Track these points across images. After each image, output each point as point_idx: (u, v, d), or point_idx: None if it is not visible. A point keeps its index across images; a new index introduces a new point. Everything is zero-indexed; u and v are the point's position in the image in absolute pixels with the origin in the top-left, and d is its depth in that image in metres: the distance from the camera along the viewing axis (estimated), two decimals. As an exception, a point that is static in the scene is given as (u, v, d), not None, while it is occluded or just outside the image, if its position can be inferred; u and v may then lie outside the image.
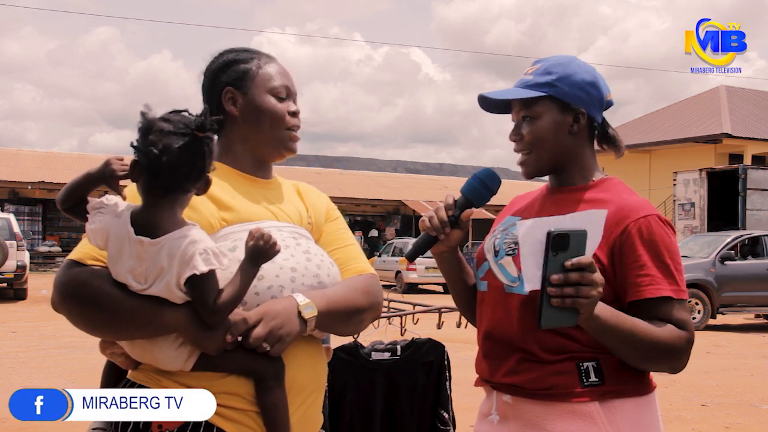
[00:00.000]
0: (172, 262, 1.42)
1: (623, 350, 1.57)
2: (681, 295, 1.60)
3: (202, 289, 1.43)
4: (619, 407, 1.59)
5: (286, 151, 1.77)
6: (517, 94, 1.71)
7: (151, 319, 1.45)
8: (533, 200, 1.83)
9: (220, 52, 1.80)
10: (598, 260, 1.57)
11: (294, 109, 1.76)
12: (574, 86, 1.70)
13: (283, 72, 1.78)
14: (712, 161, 26.57)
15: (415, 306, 3.69)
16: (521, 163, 1.75)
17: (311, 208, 1.83)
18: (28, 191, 26.72)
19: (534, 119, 1.70)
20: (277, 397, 1.52)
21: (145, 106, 1.46)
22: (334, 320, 1.63)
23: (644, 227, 1.60)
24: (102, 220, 1.47)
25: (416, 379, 2.80)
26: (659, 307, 1.58)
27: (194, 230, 1.46)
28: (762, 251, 13.45)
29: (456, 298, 1.90)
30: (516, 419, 1.66)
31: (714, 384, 7.52)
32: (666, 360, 1.59)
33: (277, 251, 1.50)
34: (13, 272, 14.45)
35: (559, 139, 1.70)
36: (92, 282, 1.47)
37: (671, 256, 1.61)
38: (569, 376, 1.59)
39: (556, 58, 1.76)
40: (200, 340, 1.46)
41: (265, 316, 1.51)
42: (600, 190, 1.71)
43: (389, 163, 55.73)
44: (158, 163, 1.41)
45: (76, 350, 8.51)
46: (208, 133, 1.46)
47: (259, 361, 1.51)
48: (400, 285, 20.22)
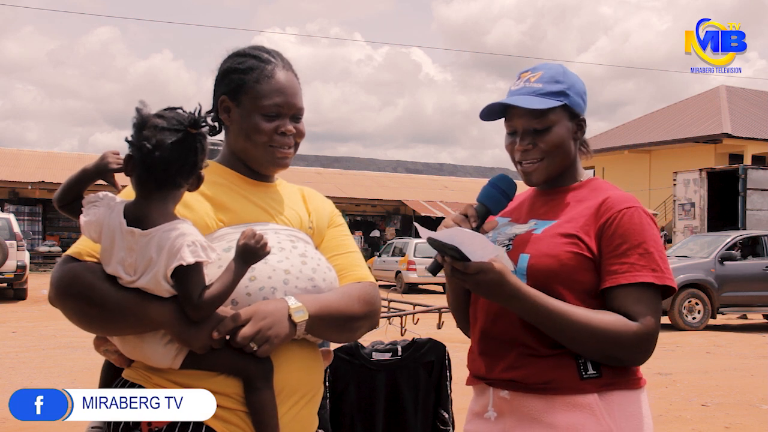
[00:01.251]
0: (161, 254, 1.43)
1: (560, 335, 1.59)
2: (665, 281, 1.62)
3: (188, 281, 1.44)
4: (616, 399, 1.62)
5: (272, 166, 1.73)
6: (539, 103, 1.70)
7: (136, 313, 1.46)
8: (522, 202, 1.86)
9: (232, 53, 1.76)
10: (588, 249, 1.63)
11: (283, 129, 1.69)
12: (579, 95, 1.75)
13: (281, 87, 1.70)
14: (712, 161, 26.60)
15: (415, 306, 3.69)
16: (530, 171, 1.74)
17: (314, 213, 1.82)
18: (28, 191, 26.71)
19: (548, 128, 1.71)
20: (265, 397, 1.52)
21: (140, 102, 1.49)
22: (327, 326, 1.62)
23: (626, 217, 1.64)
24: (96, 212, 1.50)
25: (418, 379, 2.80)
26: (627, 296, 1.60)
27: (184, 224, 1.48)
28: (762, 251, 13.46)
29: (455, 300, 1.89)
30: (513, 415, 1.67)
31: (714, 384, 7.52)
32: (608, 350, 1.59)
33: (268, 252, 1.50)
34: (13, 272, 14.45)
35: (569, 146, 1.75)
36: (84, 276, 1.49)
37: (654, 244, 1.64)
38: (568, 369, 1.61)
39: (552, 65, 1.78)
40: (186, 337, 1.47)
41: (255, 315, 1.51)
42: (587, 189, 1.75)
43: (389, 163, 55.68)
44: (151, 157, 1.44)
45: (76, 350, 8.51)
46: (201, 130, 1.48)
47: (247, 361, 1.51)
48: (400, 285, 20.21)
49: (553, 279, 1.62)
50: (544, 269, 1.62)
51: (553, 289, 1.60)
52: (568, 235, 1.64)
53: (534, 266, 1.63)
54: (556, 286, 1.61)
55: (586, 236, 1.64)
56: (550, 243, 1.65)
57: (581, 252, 1.63)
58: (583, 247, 1.63)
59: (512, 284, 1.56)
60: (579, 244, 1.63)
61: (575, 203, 1.72)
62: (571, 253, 1.62)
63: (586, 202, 1.70)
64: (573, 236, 1.64)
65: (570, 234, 1.65)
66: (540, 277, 1.62)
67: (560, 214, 1.71)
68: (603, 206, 1.66)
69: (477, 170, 55.48)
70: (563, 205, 1.73)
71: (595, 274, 1.64)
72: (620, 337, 1.57)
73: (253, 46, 1.78)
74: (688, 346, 10.42)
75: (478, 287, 1.57)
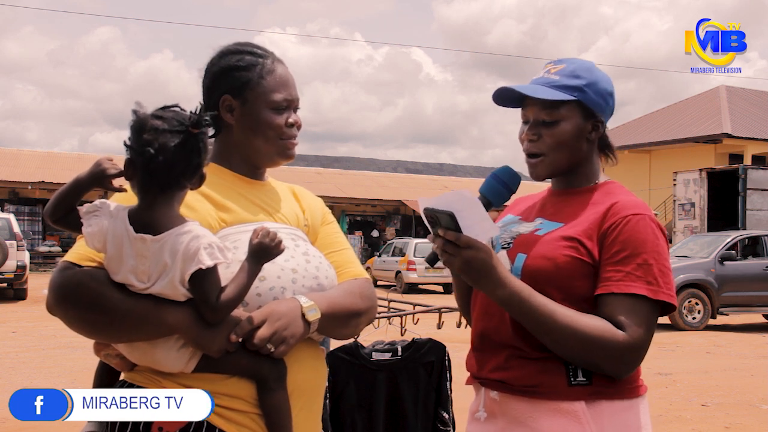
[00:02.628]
0: (176, 258, 1.40)
1: (543, 335, 1.54)
2: (659, 295, 1.55)
3: (206, 284, 1.41)
4: (606, 408, 1.57)
5: (282, 159, 1.75)
6: (548, 94, 1.66)
7: (152, 319, 1.43)
8: (536, 202, 1.83)
9: (222, 51, 1.74)
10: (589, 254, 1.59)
11: (292, 120, 1.72)
12: (599, 94, 1.69)
13: (285, 80, 1.72)
14: (712, 161, 26.59)
15: (415, 306, 3.69)
16: (534, 164, 1.72)
17: (307, 211, 1.82)
18: (28, 191, 26.69)
19: (557, 122, 1.67)
20: (280, 399, 1.51)
21: (137, 103, 1.44)
22: (334, 323, 1.63)
23: (632, 224, 1.58)
24: (98, 222, 1.44)
25: (418, 380, 2.80)
26: (616, 304, 1.54)
27: (195, 225, 1.45)
28: (762, 251, 13.46)
29: (460, 297, 1.88)
30: (503, 416, 1.65)
31: (714, 384, 7.52)
32: (590, 356, 1.53)
33: (282, 250, 1.49)
34: (13, 272, 14.45)
35: (578, 145, 1.69)
36: (89, 284, 1.45)
37: (656, 257, 1.57)
38: (557, 374, 1.57)
39: (580, 61, 1.73)
40: (202, 341, 1.45)
41: (270, 316, 1.49)
42: (599, 193, 1.71)
43: (389, 163, 55.68)
44: (155, 162, 1.39)
45: (76, 350, 8.50)
46: (203, 129, 1.44)
47: (262, 362, 1.50)
48: (400, 285, 20.20)
49: (547, 281, 1.58)
50: (538, 271, 1.59)
51: (546, 292, 1.56)
52: (568, 239, 1.60)
53: (529, 267, 1.60)
54: (549, 289, 1.57)
55: (588, 240, 1.59)
56: (549, 245, 1.61)
57: (580, 257, 1.58)
58: (583, 251, 1.59)
59: (500, 271, 1.51)
60: (579, 248, 1.59)
61: (585, 206, 1.67)
62: (568, 257, 1.58)
63: (596, 207, 1.65)
64: (574, 240, 1.60)
65: (571, 237, 1.60)
66: (534, 279, 1.58)
67: (568, 216, 1.67)
68: (610, 211, 1.61)
69: (477, 170, 55.45)
70: (573, 207, 1.69)
71: (593, 281, 1.59)
72: (604, 344, 1.51)
73: (240, 43, 1.77)
74: (688, 346, 10.42)
75: (466, 266, 1.49)
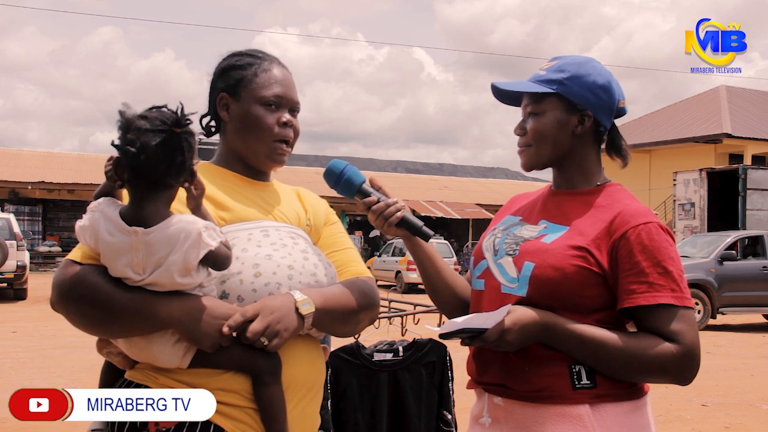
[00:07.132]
0: (174, 247, 1.44)
1: (598, 365, 1.57)
2: (685, 302, 1.56)
3: (219, 263, 1.49)
4: (611, 411, 1.57)
5: (271, 163, 1.76)
6: (525, 87, 1.72)
7: (145, 313, 1.46)
8: (534, 201, 1.82)
9: (226, 55, 1.80)
10: (598, 264, 1.58)
11: (285, 120, 1.73)
12: (584, 87, 1.69)
13: (281, 80, 1.75)
14: (712, 161, 26.58)
15: (416, 306, 3.69)
16: (520, 155, 1.77)
17: (310, 211, 1.84)
18: (28, 191, 26.70)
19: (538, 115, 1.70)
20: (274, 393, 1.53)
21: (123, 104, 1.48)
22: (331, 319, 1.64)
23: (644, 234, 1.58)
24: (91, 217, 1.50)
25: (420, 380, 2.80)
26: (655, 316, 1.55)
27: (183, 215, 1.49)
28: (762, 251, 13.46)
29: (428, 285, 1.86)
30: (507, 422, 1.64)
31: (714, 384, 7.52)
32: (654, 375, 1.56)
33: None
34: (13, 272, 14.46)
35: (560, 137, 1.70)
36: (88, 279, 1.48)
37: (673, 263, 1.58)
38: (561, 378, 1.57)
39: (573, 57, 1.75)
40: (195, 335, 1.47)
41: (263, 310, 1.51)
42: (602, 196, 1.70)
43: (389, 163, 55.67)
44: (138, 160, 1.43)
45: (76, 350, 8.51)
46: (186, 128, 1.47)
47: (256, 356, 1.52)
48: (401, 285, 20.22)
49: (555, 291, 1.58)
50: (547, 280, 1.58)
51: (553, 301, 1.57)
52: (577, 248, 1.59)
53: (537, 276, 1.59)
54: (556, 297, 1.57)
55: (596, 251, 1.59)
56: (558, 255, 1.59)
57: (589, 267, 1.58)
58: (592, 261, 1.58)
59: (537, 322, 1.55)
60: (588, 258, 1.58)
61: (588, 210, 1.67)
62: (577, 267, 1.57)
63: (599, 213, 1.64)
64: (583, 249, 1.59)
65: (580, 247, 1.59)
66: (542, 288, 1.58)
67: (572, 220, 1.66)
68: (616, 221, 1.60)
69: (477, 170, 55.44)
70: (575, 210, 1.68)
71: (603, 290, 1.59)
72: (664, 362, 1.53)
73: (249, 48, 1.83)
74: (689, 346, 10.41)
75: (511, 345, 1.55)
